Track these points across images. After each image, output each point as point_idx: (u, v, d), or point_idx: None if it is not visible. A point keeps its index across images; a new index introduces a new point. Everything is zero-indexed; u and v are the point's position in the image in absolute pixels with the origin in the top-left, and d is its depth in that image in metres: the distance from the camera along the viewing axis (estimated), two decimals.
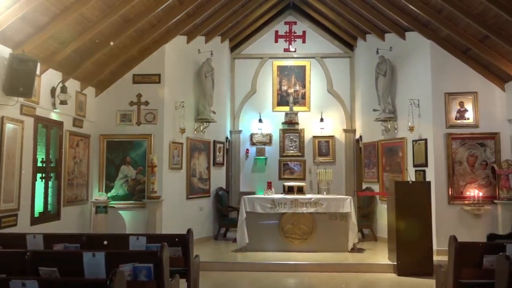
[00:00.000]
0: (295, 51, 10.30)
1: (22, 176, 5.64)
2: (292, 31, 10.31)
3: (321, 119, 10.02)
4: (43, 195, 6.26)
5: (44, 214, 6.26)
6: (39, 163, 6.14)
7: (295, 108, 10.12)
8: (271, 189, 8.14)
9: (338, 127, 10.13)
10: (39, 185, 6.15)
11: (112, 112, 7.80)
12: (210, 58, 8.74)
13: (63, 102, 6.41)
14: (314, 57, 10.26)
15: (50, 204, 6.43)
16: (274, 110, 10.25)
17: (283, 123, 10.14)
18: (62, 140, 6.73)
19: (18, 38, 5.36)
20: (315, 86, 10.24)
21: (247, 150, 10.18)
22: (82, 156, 7.33)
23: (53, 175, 6.50)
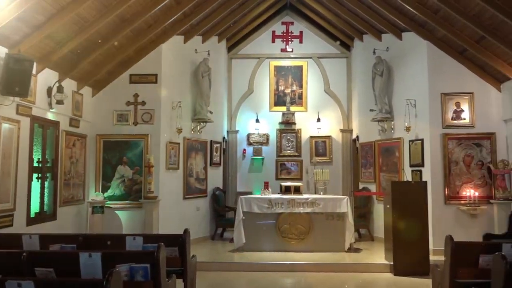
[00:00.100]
0: (292, 51, 10.31)
1: (18, 176, 5.62)
2: (289, 31, 10.32)
3: (318, 119, 10.04)
4: (39, 195, 6.24)
5: (40, 214, 6.24)
6: (35, 163, 6.11)
7: (292, 108, 10.13)
8: (268, 189, 8.14)
9: (335, 127, 10.15)
10: (35, 185, 6.13)
11: (109, 112, 7.79)
12: (207, 58, 8.73)
13: (60, 102, 6.39)
14: (311, 57, 10.27)
15: (46, 204, 6.41)
16: (271, 110, 10.26)
17: (280, 123, 10.15)
18: (59, 140, 6.71)
19: (14, 38, 5.34)
20: (312, 86, 10.26)
21: (244, 150, 10.18)
22: (78, 156, 7.31)
23: (49, 175, 6.48)
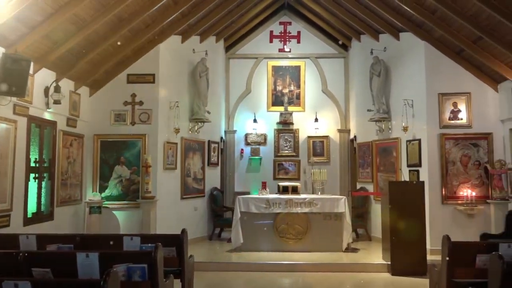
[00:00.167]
0: (289, 51, 10.32)
1: (15, 176, 5.60)
2: (287, 31, 10.32)
3: (315, 119, 10.05)
4: (36, 195, 6.22)
5: (37, 214, 6.22)
6: (32, 163, 6.09)
7: (289, 108, 10.14)
8: (266, 189, 8.15)
9: (333, 127, 10.16)
10: (32, 185, 6.11)
11: (106, 112, 7.77)
12: (205, 58, 8.72)
13: (57, 102, 6.37)
14: (308, 57, 10.29)
15: (43, 204, 6.39)
16: (269, 110, 10.27)
17: (277, 123, 10.15)
18: (56, 140, 6.69)
19: (12, 38, 5.32)
20: (310, 86, 10.27)
21: (242, 150, 10.18)
22: (75, 156, 7.29)
23: (46, 175, 6.46)
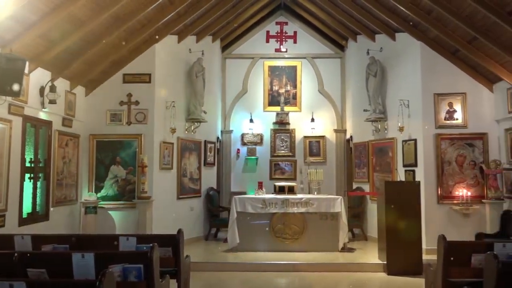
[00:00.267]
0: (286, 51, 10.32)
1: (10, 176, 5.57)
2: (283, 32, 10.33)
3: (312, 119, 10.06)
4: (32, 195, 6.18)
5: (33, 214, 6.19)
6: (28, 163, 6.06)
7: (286, 108, 10.14)
8: (262, 189, 8.14)
9: (329, 127, 10.17)
10: (27, 185, 6.08)
11: (102, 111, 7.74)
12: (201, 58, 8.71)
13: (52, 102, 6.34)
14: (305, 57, 10.29)
15: (39, 204, 6.36)
16: (265, 110, 10.26)
17: (274, 123, 10.15)
18: (51, 140, 6.66)
19: (6, 37, 5.29)
20: (306, 86, 10.27)
21: (238, 150, 10.18)
22: (71, 156, 7.26)
23: (41, 175, 6.43)
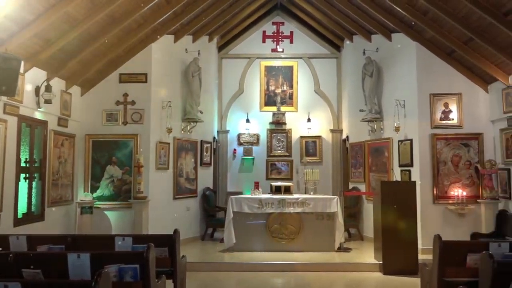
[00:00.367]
0: (282, 52, 10.33)
1: (5, 176, 5.54)
2: (280, 32, 10.33)
3: (308, 119, 10.07)
4: (27, 195, 6.15)
5: (28, 215, 6.16)
6: (23, 163, 6.03)
7: (282, 108, 10.15)
8: (258, 189, 8.14)
9: (325, 127, 10.18)
10: (23, 185, 6.04)
11: (98, 111, 7.72)
12: (198, 58, 8.70)
13: (48, 101, 6.31)
14: (301, 57, 10.30)
15: (34, 204, 6.33)
16: (262, 110, 10.27)
17: (270, 123, 10.16)
18: (47, 140, 6.63)
19: (1, 36, 5.25)
20: (303, 86, 10.28)
21: (235, 150, 10.17)
22: (67, 156, 7.24)
23: (37, 175, 6.40)
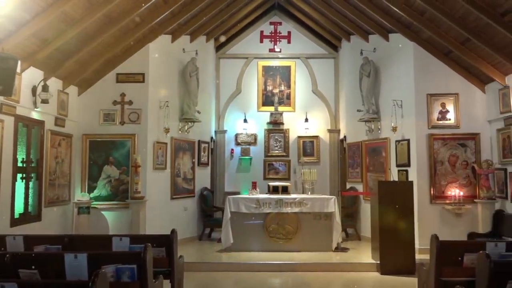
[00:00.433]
0: (280, 52, 10.33)
1: (2, 176, 5.52)
2: (277, 32, 10.34)
3: (305, 119, 10.07)
4: (24, 195, 6.13)
5: (25, 215, 6.13)
6: (20, 163, 6.01)
7: (280, 108, 10.15)
8: (256, 189, 8.14)
9: (323, 127, 10.19)
10: (19, 185, 6.02)
11: (95, 111, 7.70)
12: (195, 58, 8.69)
13: (45, 101, 6.29)
14: (299, 57, 10.30)
15: (31, 205, 6.30)
16: (259, 110, 10.27)
17: (268, 123, 10.16)
18: (44, 140, 6.61)
19: None
20: (300, 86, 10.29)
21: (232, 150, 10.17)
22: (64, 156, 7.21)
23: (34, 175, 6.38)
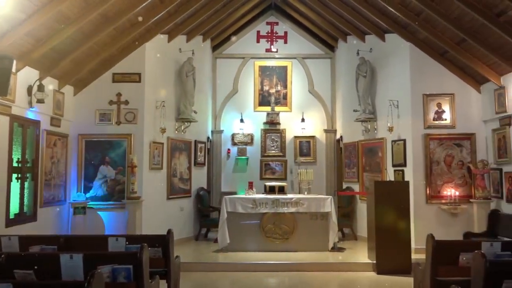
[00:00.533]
0: (276, 52, 10.33)
1: None
2: (274, 32, 10.34)
3: (302, 119, 10.08)
4: (19, 196, 6.10)
5: (20, 215, 6.10)
6: (15, 163, 5.98)
7: (276, 108, 10.16)
8: (253, 189, 8.14)
9: (319, 127, 10.21)
10: (15, 185, 5.99)
11: (91, 111, 7.67)
12: (192, 58, 8.68)
13: (40, 101, 6.26)
14: (295, 57, 10.31)
15: (26, 205, 6.27)
16: (256, 110, 10.27)
17: (264, 123, 10.16)
18: (39, 140, 6.58)
19: None
20: (297, 86, 10.30)
21: (229, 150, 10.16)
22: (59, 156, 7.19)
23: (29, 175, 6.35)
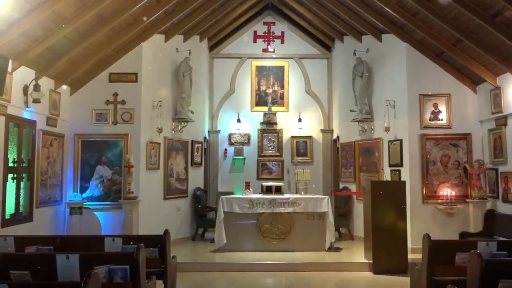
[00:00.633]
0: (273, 52, 10.34)
1: None
2: (271, 32, 10.34)
3: (299, 119, 10.09)
4: (15, 196, 6.07)
5: (16, 215, 6.07)
6: (11, 163, 5.95)
7: (273, 108, 10.16)
8: (249, 189, 8.14)
9: (316, 128, 10.22)
10: (10, 186, 5.96)
11: (87, 111, 7.65)
12: (188, 57, 8.67)
13: (36, 101, 6.24)
14: (292, 57, 10.32)
15: (22, 205, 6.25)
16: (253, 110, 10.27)
17: (261, 123, 10.16)
18: (35, 140, 6.55)
19: None
20: (293, 86, 10.30)
21: (225, 150, 10.16)
22: (56, 156, 7.16)
23: (25, 175, 6.32)
